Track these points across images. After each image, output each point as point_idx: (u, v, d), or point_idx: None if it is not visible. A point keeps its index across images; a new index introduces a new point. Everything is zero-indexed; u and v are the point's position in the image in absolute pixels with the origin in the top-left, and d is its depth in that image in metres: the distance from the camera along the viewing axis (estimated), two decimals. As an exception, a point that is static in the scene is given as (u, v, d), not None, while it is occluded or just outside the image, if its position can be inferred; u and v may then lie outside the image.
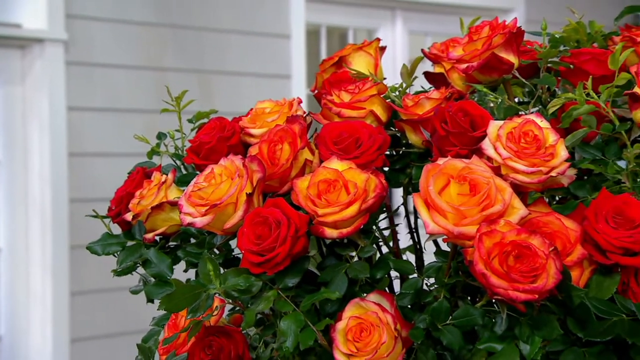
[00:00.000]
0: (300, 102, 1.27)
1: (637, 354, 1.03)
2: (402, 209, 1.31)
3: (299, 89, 4.90)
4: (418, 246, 1.28)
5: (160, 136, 1.36)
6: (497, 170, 1.06)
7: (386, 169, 1.23)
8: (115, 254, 1.27)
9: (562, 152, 1.08)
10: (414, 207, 1.27)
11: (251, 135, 1.24)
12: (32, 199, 4.24)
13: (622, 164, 1.17)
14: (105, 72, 4.34)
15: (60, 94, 4.19)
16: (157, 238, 1.25)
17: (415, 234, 1.29)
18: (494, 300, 1.05)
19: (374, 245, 1.15)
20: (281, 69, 4.87)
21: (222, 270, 1.11)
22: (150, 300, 1.24)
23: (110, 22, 4.36)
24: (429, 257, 1.22)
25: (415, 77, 1.30)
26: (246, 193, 1.12)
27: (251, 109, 1.28)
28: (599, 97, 1.14)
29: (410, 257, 1.28)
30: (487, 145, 1.08)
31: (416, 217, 1.28)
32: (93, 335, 4.30)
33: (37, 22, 4.17)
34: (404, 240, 1.29)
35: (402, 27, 5.47)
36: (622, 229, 1.06)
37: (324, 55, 5.30)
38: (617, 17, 1.36)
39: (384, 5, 5.40)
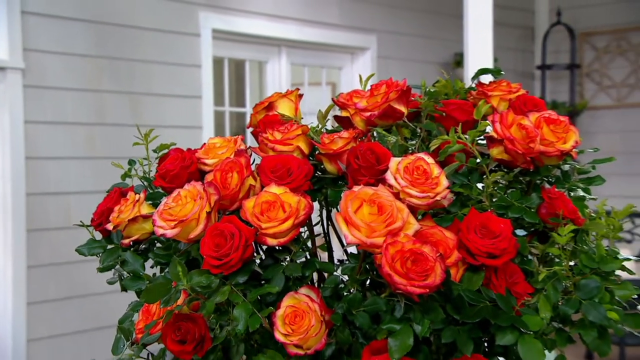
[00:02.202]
0: (243, 139, 1.27)
1: (496, 330, 1.07)
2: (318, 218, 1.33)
3: (208, 106, 4.86)
4: (329, 247, 1.29)
5: (131, 162, 1.34)
6: (397, 196, 1.08)
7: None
8: (98, 255, 1.26)
9: (444, 182, 1.11)
10: (327, 218, 1.29)
11: (205, 164, 1.23)
12: (-5, 193, 4.11)
13: (482, 187, 1.21)
14: (55, 93, 4.23)
15: (19, 110, 4.06)
16: (132, 243, 1.24)
17: (327, 238, 1.30)
18: (394, 292, 1.08)
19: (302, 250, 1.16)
20: (194, 91, 4.83)
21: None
22: (124, 290, 1.23)
23: (59, 54, 4.24)
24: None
25: (328, 119, 1.32)
26: (206, 211, 1.12)
27: (204, 144, 1.27)
28: (466, 138, 1.18)
29: (323, 255, 1.30)
30: (389, 176, 1.10)
31: (329, 226, 1.30)
32: (45, 300, 4.20)
33: (0, 53, 4.02)
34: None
35: (286, 60, 5.47)
36: (486, 239, 1.10)
37: (226, 80, 5.27)
38: (473, 76, 1.40)
39: (272, 43, 5.39)
